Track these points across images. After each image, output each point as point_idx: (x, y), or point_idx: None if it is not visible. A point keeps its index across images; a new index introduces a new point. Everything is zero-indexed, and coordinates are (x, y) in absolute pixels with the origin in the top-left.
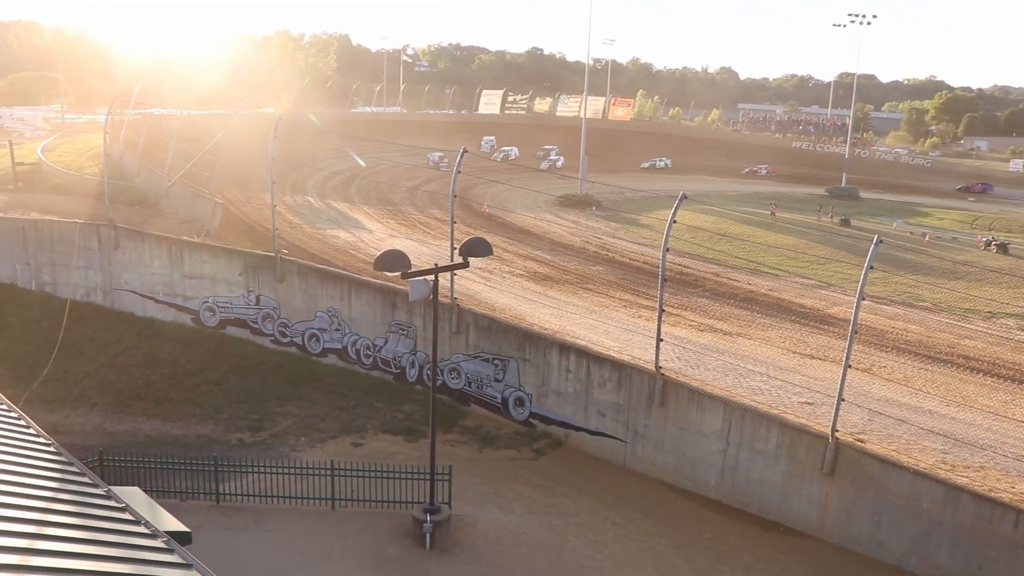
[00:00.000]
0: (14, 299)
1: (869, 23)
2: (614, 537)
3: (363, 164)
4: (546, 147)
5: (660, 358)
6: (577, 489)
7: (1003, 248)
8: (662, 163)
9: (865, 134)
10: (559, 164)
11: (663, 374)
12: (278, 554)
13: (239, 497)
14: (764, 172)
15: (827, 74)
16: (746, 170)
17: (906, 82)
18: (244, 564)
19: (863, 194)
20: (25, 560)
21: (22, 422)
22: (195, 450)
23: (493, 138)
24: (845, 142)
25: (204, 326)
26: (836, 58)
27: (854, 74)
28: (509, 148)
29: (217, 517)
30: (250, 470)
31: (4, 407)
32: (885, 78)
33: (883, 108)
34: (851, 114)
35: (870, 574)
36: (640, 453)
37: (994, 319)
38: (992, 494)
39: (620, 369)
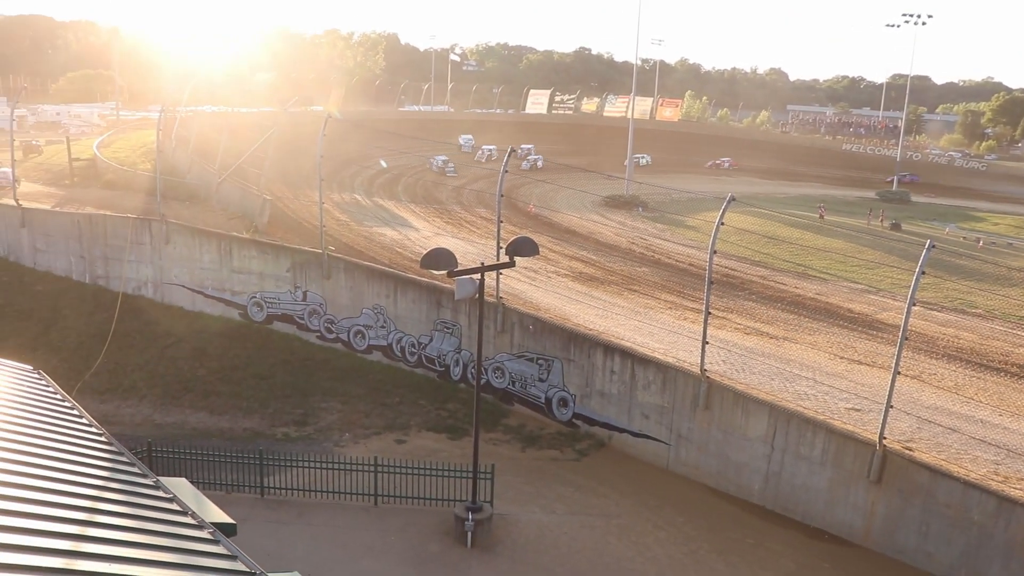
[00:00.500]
0: (69, 291)
1: (924, 23)
2: (655, 540)
3: (385, 165)
4: (524, 146)
5: (705, 361)
6: (619, 491)
7: None
8: (644, 161)
9: (918, 136)
10: (539, 164)
11: (708, 377)
12: (320, 548)
13: (283, 491)
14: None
15: (879, 75)
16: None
17: (961, 83)
18: (287, 557)
19: (914, 198)
20: (77, 546)
21: (75, 412)
22: (241, 443)
23: (471, 136)
24: (897, 145)
25: (251, 321)
26: (889, 59)
27: (907, 75)
28: (490, 147)
29: (261, 510)
30: (294, 464)
31: (59, 397)
32: (940, 79)
33: (937, 110)
34: (903, 116)
35: None
36: (683, 456)
37: None
38: None
39: (665, 371)
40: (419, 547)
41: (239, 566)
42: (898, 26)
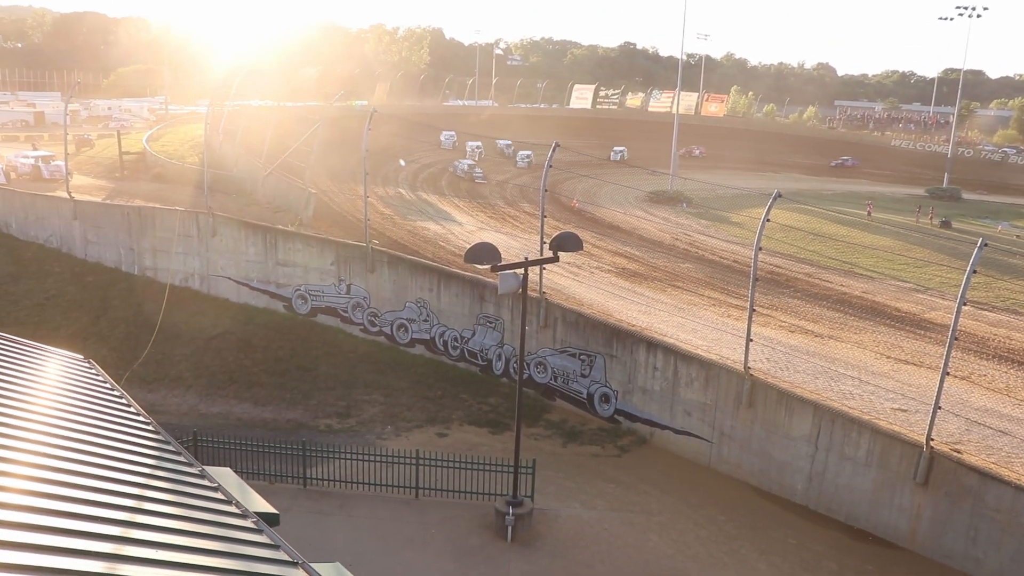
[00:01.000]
0: (118, 283)
1: (979, 16)
2: (696, 538)
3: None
4: (500, 142)
5: (749, 358)
6: (660, 488)
7: None
8: (618, 155)
9: (970, 132)
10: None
11: (752, 375)
12: (361, 539)
13: (326, 482)
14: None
15: (931, 70)
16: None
17: (1017, 78)
18: (329, 547)
19: (966, 195)
20: (125, 532)
21: (124, 401)
22: (284, 434)
23: (454, 133)
24: (947, 141)
25: (296, 313)
26: (941, 53)
27: (960, 70)
28: (475, 143)
29: (304, 500)
30: (337, 456)
31: (108, 386)
32: (994, 74)
33: (991, 105)
34: (955, 111)
35: None
36: (726, 454)
37: None
38: None
39: (708, 368)
40: (459, 540)
41: (281, 555)
42: (952, 19)
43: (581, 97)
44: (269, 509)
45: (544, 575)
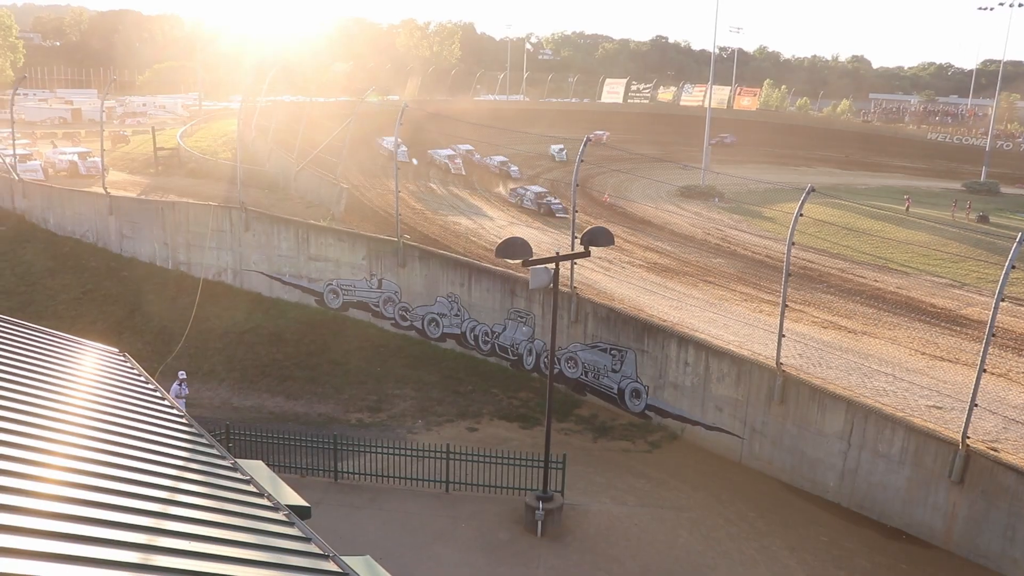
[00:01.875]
0: (152, 277)
1: (1021, 5)
2: (727, 535)
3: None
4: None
5: (781, 354)
6: (691, 484)
7: None
8: (559, 154)
9: (1009, 125)
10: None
11: (784, 371)
12: (392, 533)
13: (356, 476)
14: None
15: (969, 62)
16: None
17: None
18: (359, 541)
19: (1004, 189)
20: (158, 523)
21: (158, 394)
22: (316, 428)
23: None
24: (986, 133)
25: (327, 308)
26: (980, 44)
27: (999, 61)
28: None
29: (335, 494)
30: (368, 450)
31: (143, 379)
32: None
33: None
34: (994, 104)
35: None
36: (757, 450)
37: None
38: None
39: (740, 364)
40: (489, 535)
41: (312, 548)
42: (991, 9)
43: (612, 91)
44: (300, 502)
45: (574, 570)
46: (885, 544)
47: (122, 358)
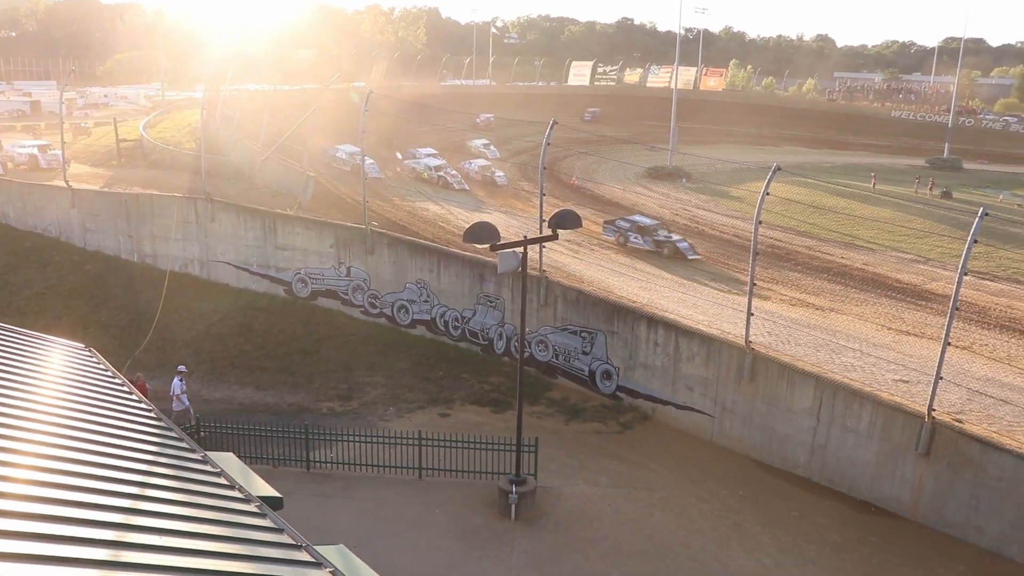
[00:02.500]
0: (117, 270)
1: None
2: (699, 513)
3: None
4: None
5: (750, 332)
6: (663, 463)
7: None
8: (487, 149)
9: (971, 101)
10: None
11: (753, 349)
12: (365, 521)
13: (329, 465)
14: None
15: (931, 39)
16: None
17: (1018, 45)
18: (332, 530)
19: (967, 165)
20: (128, 519)
21: (125, 388)
22: (287, 418)
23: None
24: (948, 110)
25: (296, 297)
26: (941, 22)
27: (960, 38)
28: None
29: (307, 484)
30: (339, 439)
31: (109, 374)
32: (995, 41)
33: (992, 74)
34: (956, 81)
35: (966, 559)
36: (728, 428)
37: None
38: None
39: (709, 343)
40: (463, 520)
41: (285, 539)
42: None
43: (579, 74)
44: (272, 493)
45: (548, 553)
46: (854, 517)
47: (88, 354)
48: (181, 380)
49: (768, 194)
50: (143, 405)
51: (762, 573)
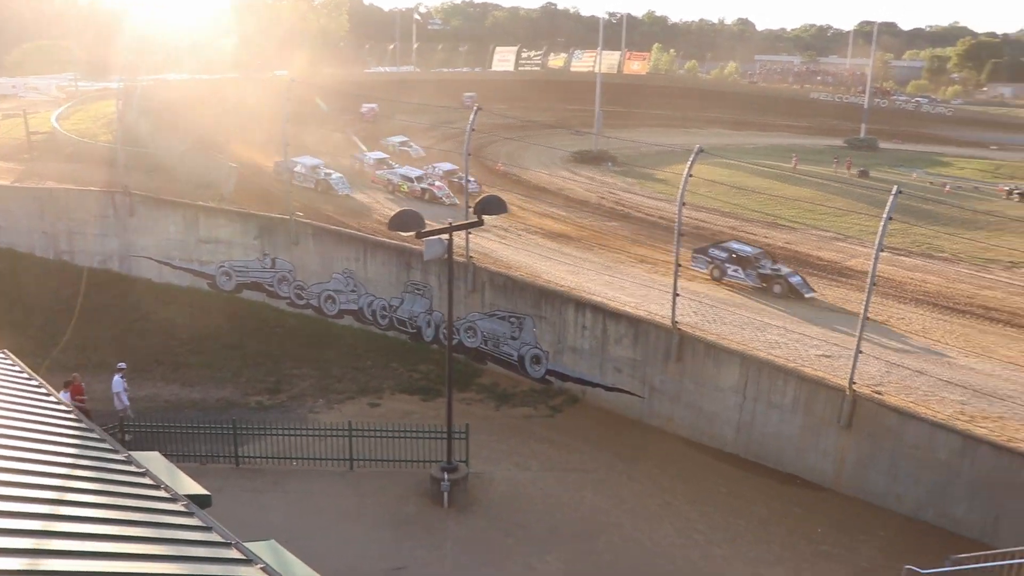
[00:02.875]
0: (32, 268)
1: None
2: (630, 492)
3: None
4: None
5: (677, 313)
6: (594, 445)
7: None
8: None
9: (885, 83)
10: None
11: (680, 329)
12: (297, 515)
13: (258, 460)
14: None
15: (847, 23)
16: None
17: (928, 29)
18: (264, 525)
19: (883, 144)
20: (48, 526)
21: (42, 390)
22: (214, 414)
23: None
24: (864, 92)
25: (220, 291)
26: (857, 6)
27: (874, 22)
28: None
29: (237, 480)
30: (269, 432)
31: (25, 375)
32: (907, 25)
33: (904, 56)
34: (871, 63)
35: (886, 526)
36: (657, 408)
37: (1015, 269)
38: (1010, 444)
39: (637, 325)
40: (396, 509)
41: (214, 536)
42: None
43: (503, 60)
44: (200, 491)
45: (481, 538)
46: (781, 490)
47: (1, 355)
48: (122, 377)
49: (691, 176)
50: (62, 407)
51: (693, 549)
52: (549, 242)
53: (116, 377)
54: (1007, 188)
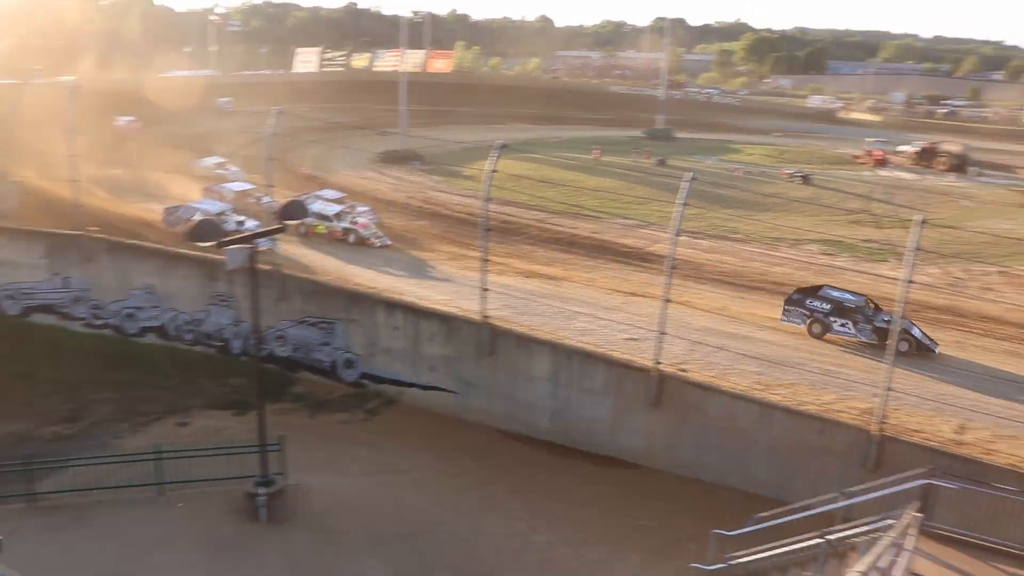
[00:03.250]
0: None
1: None
2: (452, 489)
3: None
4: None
5: (487, 307)
6: (412, 445)
7: (806, 179)
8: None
9: (678, 76)
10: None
11: (490, 322)
12: (104, 549)
13: (56, 495)
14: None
15: (642, 19)
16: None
17: (716, 25)
18: (67, 564)
19: (679, 134)
20: None
21: None
22: (4, 450)
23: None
24: (660, 84)
25: (5, 315)
26: (650, 3)
27: (667, 18)
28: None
29: (33, 519)
30: (67, 464)
31: None
32: (696, 22)
33: (695, 50)
34: (664, 57)
35: (696, 495)
36: (473, 403)
37: (799, 246)
38: (801, 408)
39: (448, 322)
40: (212, 531)
41: None
42: None
43: (305, 60)
44: None
45: (302, 551)
46: (597, 472)
47: None
48: None
49: (496, 171)
50: None
51: (515, 538)
52: (359, 244)
53: None
54: (789, 172)
